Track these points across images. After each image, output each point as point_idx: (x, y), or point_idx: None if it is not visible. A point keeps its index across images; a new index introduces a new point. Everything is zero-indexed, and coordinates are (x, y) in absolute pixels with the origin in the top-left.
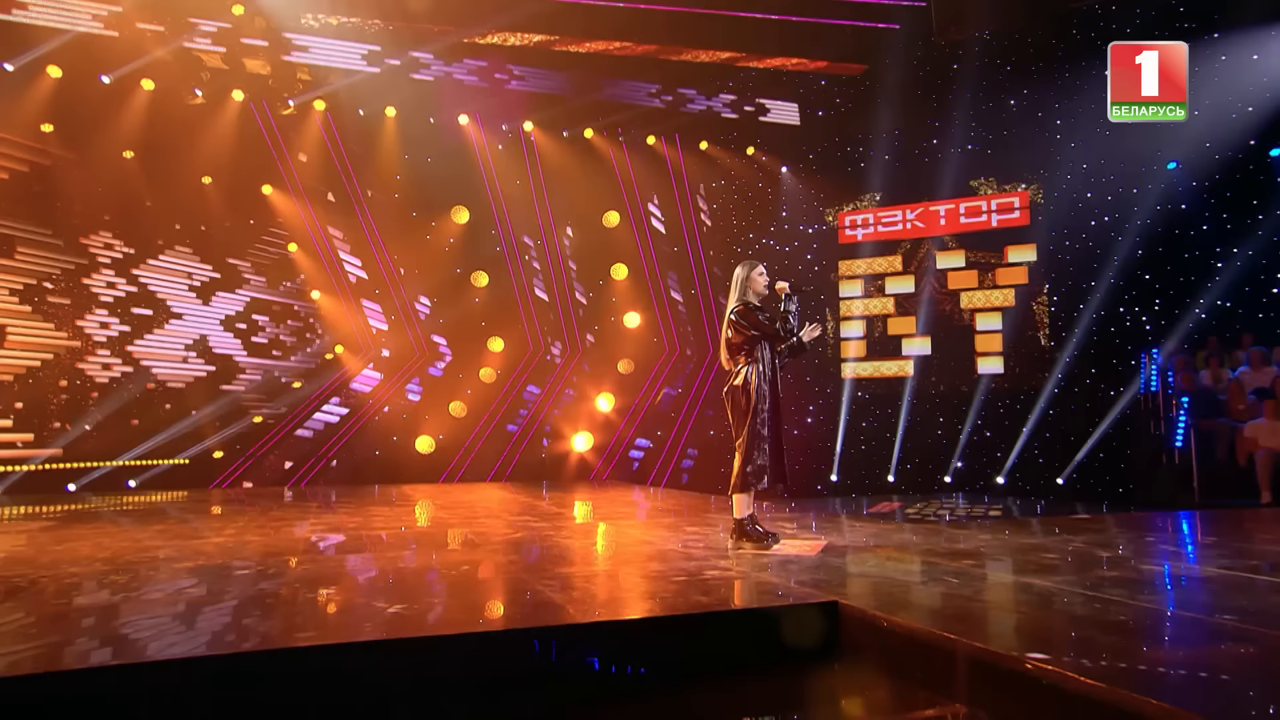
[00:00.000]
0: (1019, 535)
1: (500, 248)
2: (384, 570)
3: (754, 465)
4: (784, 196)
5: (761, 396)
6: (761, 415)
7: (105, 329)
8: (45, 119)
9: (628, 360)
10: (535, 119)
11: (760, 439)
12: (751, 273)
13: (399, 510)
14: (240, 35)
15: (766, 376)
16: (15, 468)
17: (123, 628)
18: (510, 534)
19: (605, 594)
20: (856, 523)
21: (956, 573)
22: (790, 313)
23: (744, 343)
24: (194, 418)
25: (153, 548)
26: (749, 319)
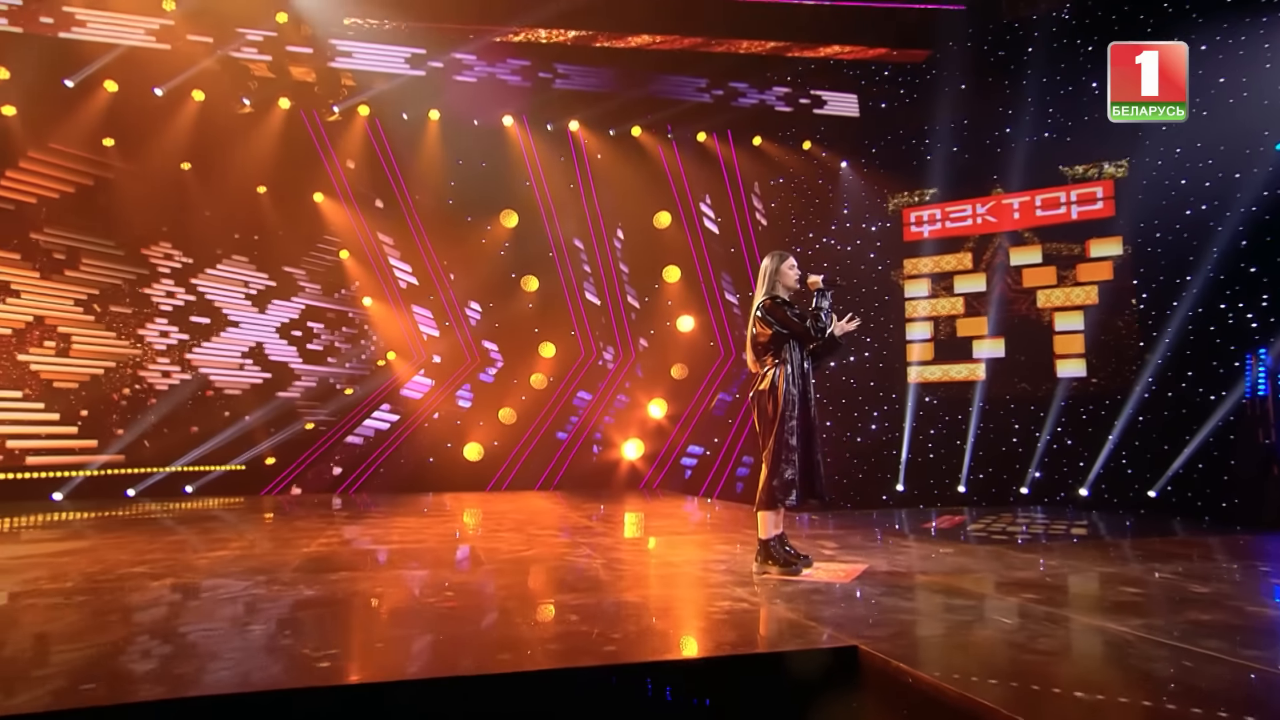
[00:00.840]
0: (1098, 560)
1: (551, 252)
2: (345, 601)
3: (781, 479)
4: (844, 193)
5: (790, 402)
6: (790, 423)
7: (165, 337)
8: (105, 133)
9: (681, 365)
10: (580, 118)
11: (788, 450)
12: (781, 265)
13: (427, 521)
14: (285, 43)
15: (796, 380)
16: (74, 473)
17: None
18: (523, 550)
19: (588, 630)
20: (910, 541)
21: (1013, 610)
22: (822, 309)
23: (771, 341)
24: (248, 424)
25: (145, 560)
26: (776, 315)
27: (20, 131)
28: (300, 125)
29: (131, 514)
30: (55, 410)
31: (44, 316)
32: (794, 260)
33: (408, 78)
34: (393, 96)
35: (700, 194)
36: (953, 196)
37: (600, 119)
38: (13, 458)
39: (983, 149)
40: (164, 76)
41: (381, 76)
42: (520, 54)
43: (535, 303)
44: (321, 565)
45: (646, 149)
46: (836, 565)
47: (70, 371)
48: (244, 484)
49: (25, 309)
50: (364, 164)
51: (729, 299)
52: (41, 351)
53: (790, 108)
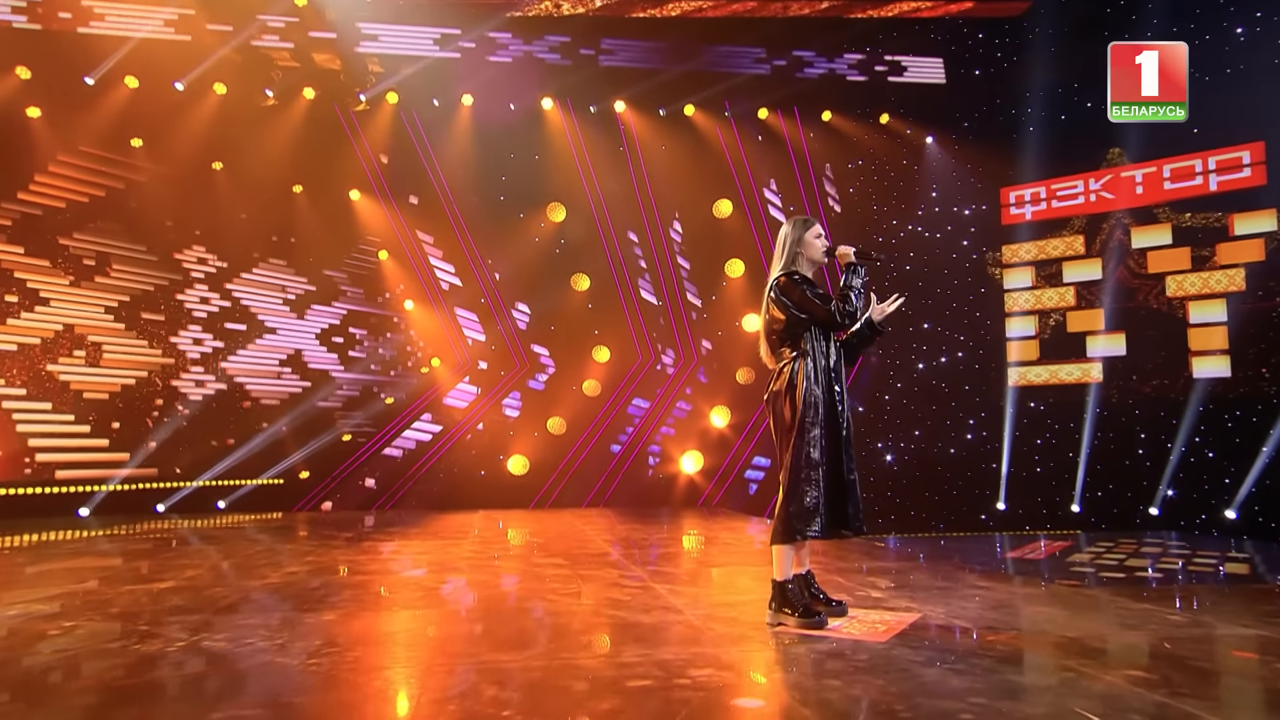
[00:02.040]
0: (1261, 614)
1: (603, 246)
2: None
3: (800, 505)
4: (931, 172)
5: (813, 405)
6: (812, 432)
7: (198, 345)
8: (132, 133)
9: (747, 369)
10: (627, 97)
11: (810, 466)
12: (805, 234)
13: (444, 543)
14: (308, 28)
15: (820, 377)
16: (98, 488)
17: None
18: (496, 586)
19: (488, 713)
20: (988, 580)
21: (1106, 696)
22: (853, 288)
23: (788, 329)
24: (282, 435)
25: (58, 595)
26: (793, 295)
27: (47, 134)
28: (328, 117)
29: (131, 533)
30: (85, 422)
31: (74, 325)
32: (820, 229)
33: (437, 60)
34: (422, 82)
35: (764, 178)
36: (1060, 171)
37: (648, 98)
38: (42, 471)
39: (1095, 115)
40: (184, 70)
41: (410, 61)
42: (558, 29)
43: (587, 303)
44: (247, 603)
45: (701, 130)
46: (879, 614)
47: (101, 382)
48: (278, 499)
49: (55, 317)
50: (397, 157)
51: None
52: (71, 361)
53: (864, 76)
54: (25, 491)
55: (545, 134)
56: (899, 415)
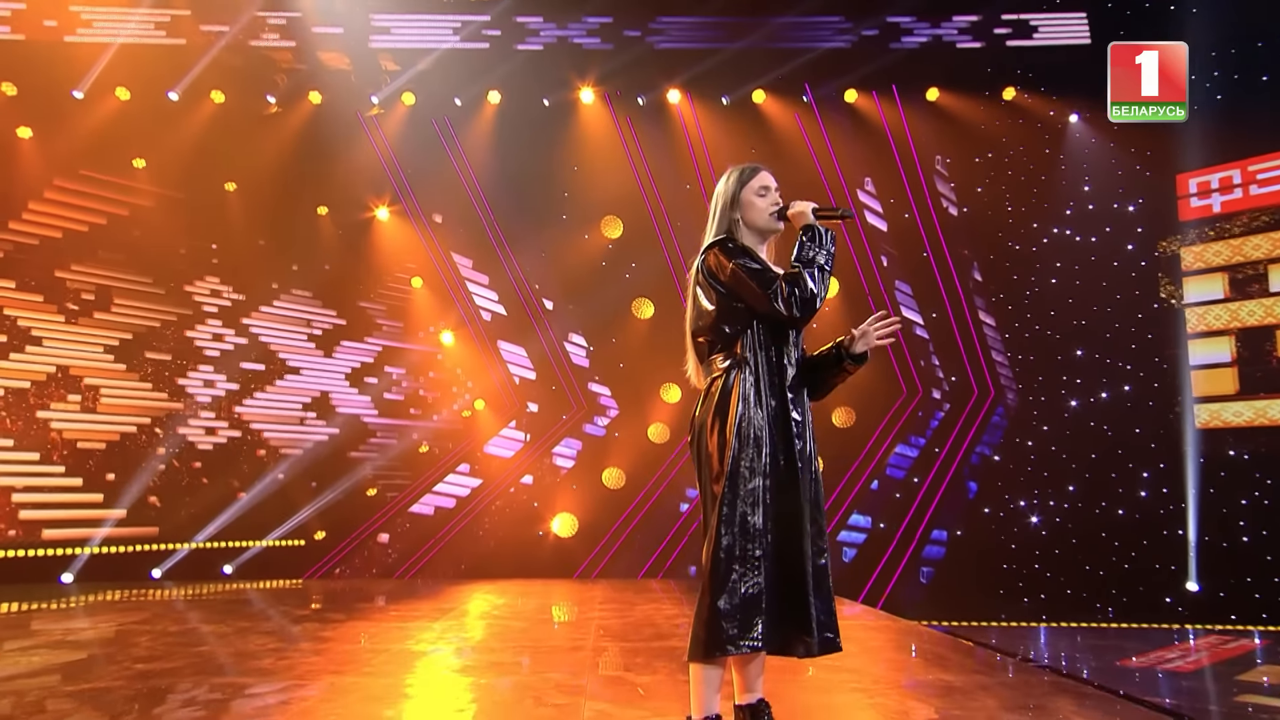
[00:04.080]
0: None
1: (668, 264)
2: None
3: (730, 598)
4: (1079, 159)
5: (752, 442)
6: (751, 485)
7: (209, 387)
8: (132, 152)
9: (845, 409)
10: (681, 84)
11: (748, 537)
12: (743, 190)
13: (453, 629)
14: (311, 24)
15: (768, 401)
16: (87, 549)
17: None
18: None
19: None
20: (1109, 705)
21: None
22: (812, 262)
23: (719, 324)
24: (300, 488)
25: None
26: (723, 271)
27: (40, 156)
28: (340, 125)
29: (110, 604)
30: (78, 474)
31: (68, 366)
32: (770, 179)
33: (459, 53)
34: (442, 78)
35: (858, 175)
36: (1261, 148)
37: (708, 83)
38: (28, 530)
39: None
40: (178, 78)
41: (428, 55)
42: (599, 7)
43: (652, 333)
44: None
45: (776, 119)
46: None
47: (97, 430)
48: (291, 563)
49: (47, 358)
50: (423, 167)
51: (909, 316)
52: (65, 406)
53: (980, 42)
54: (7, 554)
55: (586, 133)
56: (1047, 466)
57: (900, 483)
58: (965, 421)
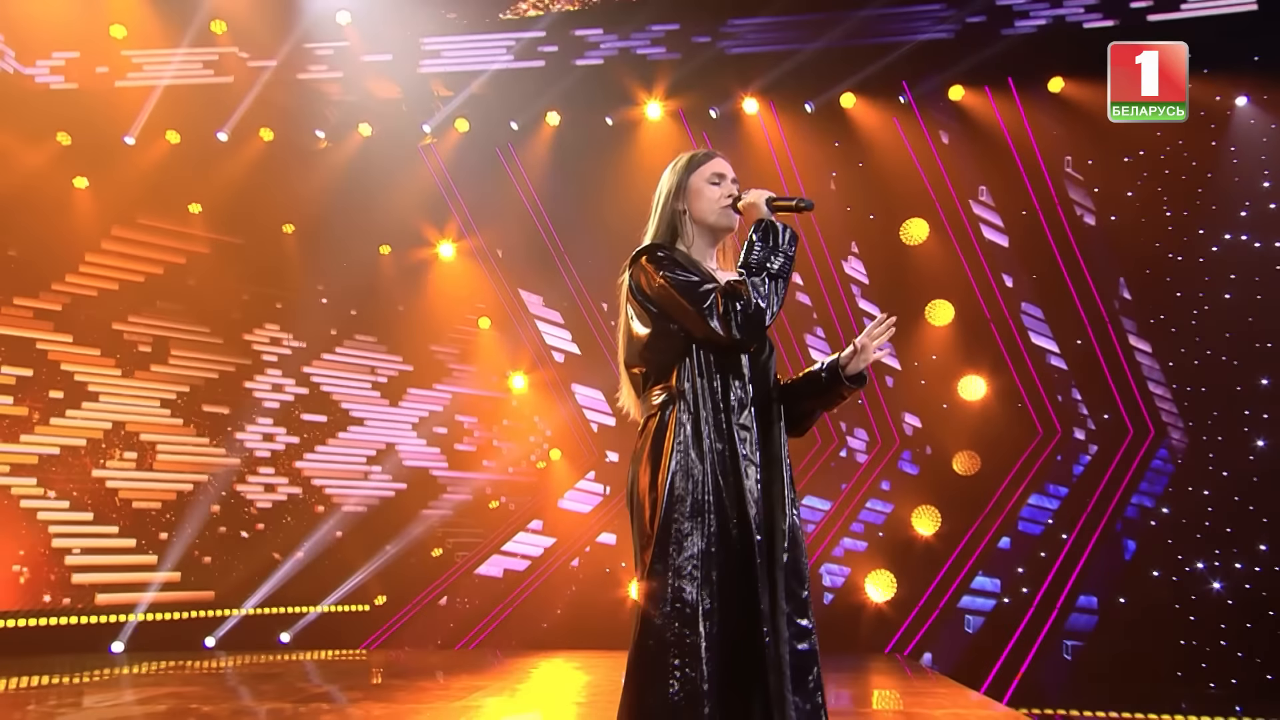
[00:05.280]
0: None
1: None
2: None
3: (656, 694)
4: (1255, 148)
5: (687, 496)
6: (688, 549)
7: (269, 441)
8: (187, 197)
9: (967, 454)
10: (758, 90)
11: (681, 617)
12: (691, 177)
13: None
14: (359, 53)
15: (712, 444)
16: (138, 616)
17: None
18: None
19: None
20: None
21: None
22: (763, 267)
23: (652, 348)
24: (360, 550)
25: None
26: (651, 284)
27: (96, 205)
28: (396, 157)
29: (157, 675)
30: (132, 536)
31: (124, 422)
32: (726, 166)
33: (512, 74)
34: (496, 101)
35: (971, 185)
36: None
37: (788, 89)
38: (81, 595)
39: None
40: (226, 116)
41: (480, 76)
42: (663, 15)
43: None
44: None
45: (867, 124)
46: None
47: (153, 489)
48: (352, 630)
49: (104, 414)
50: (483, 198)
51: (1041, 345)
52: (120, 464)
53: (1113, 19)
54: (59, 622)
55: (655, 152)
56: (1230, 520)
57: (1037, 540)
58: (1118, 467)
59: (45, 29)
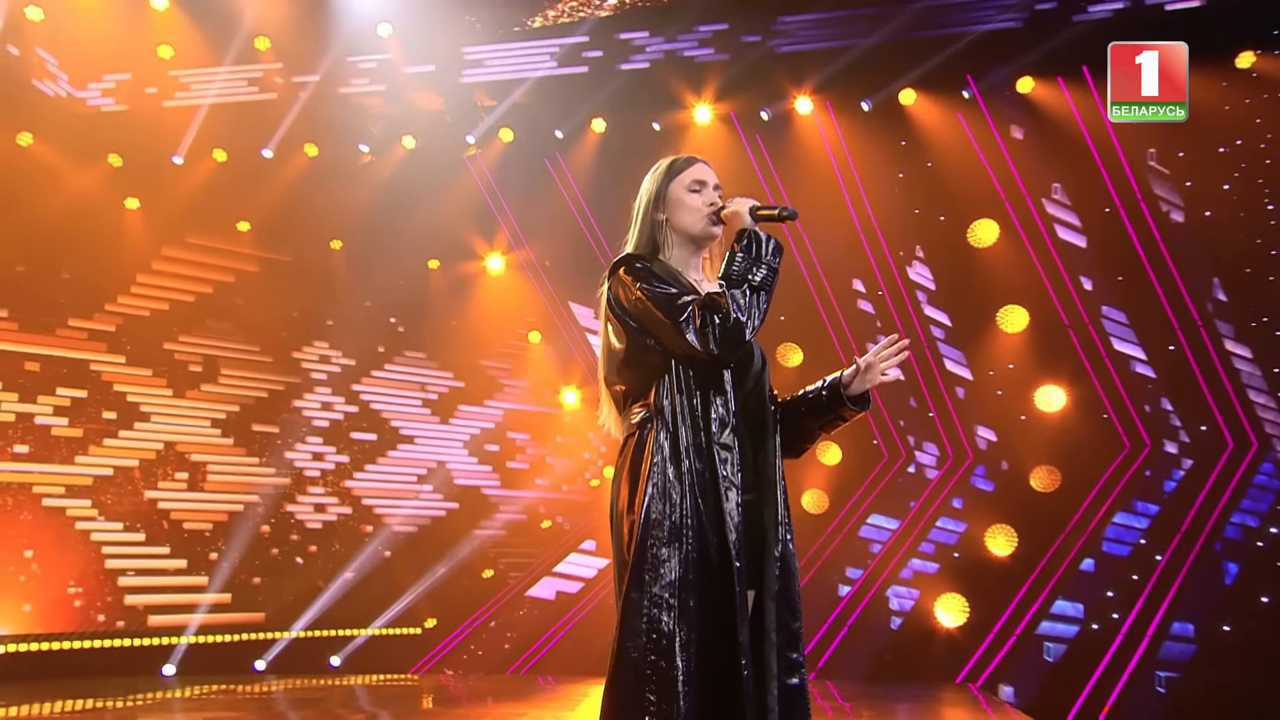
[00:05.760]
0: None
1: (816, 304)
2: None
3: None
4: None
5: (665, 521)
6: (665, 576)
7: (319, 460)
8: (234, 215)
9: (1046, 469)
10: (812, 89)
11: (658, 650)
12: (671, 185)
13: None
14: (402, 65)
15: (691, 462)
16: (188, 639)
17: None
18: None
19: None
20: None
21: None
22: (745, 279)
23: (630, 365)
24: (409, 570)
25: None
26: (629, 296)
27: (146, 226)
28: (441, 170)
29: (203, 698)
30: (183, 557)
31: (175, 442)
32: (709, 172)
33: (555, 81)
34: (540, 110)
35: (1043, 183)
36: None
37: (843, 87)
38: (133, 617)
39: None
40: (269, 133)
41: (522, 84)
42: (712, 15)
43: (802, 383)
44: None
45: (929, 121)
46: None
47: (204, 510)
48: (403, 653)
49: (154, 435)
50: (525, 208)
51: (1125, 352)
52: (172, 485)
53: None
54: (112, 644)
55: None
56: None
57: (1124, 561)
58: (1217, 482)
59: (96, 52)
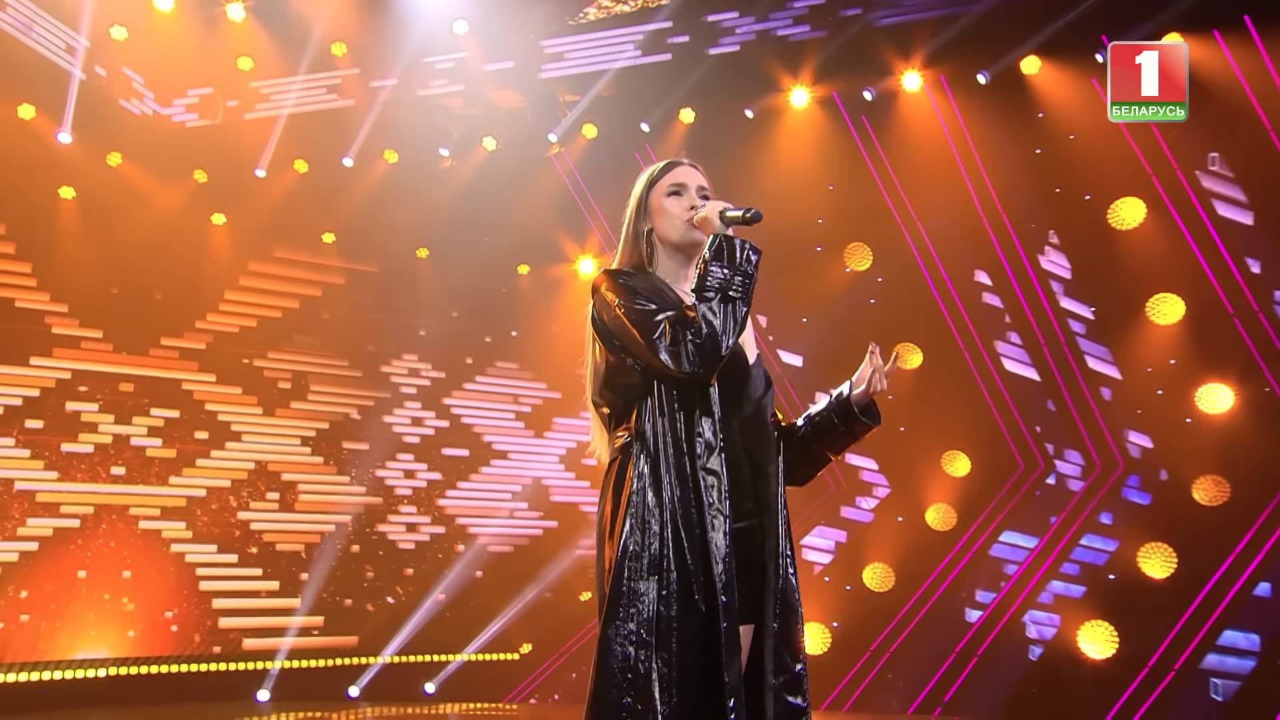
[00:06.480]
0: None
1: (936, 299)
2: None
3: None
4: None
5: (643, 552)
6: (642, 615)
7: (410, 478)
8: (318, 227)
9: (1213, 479)
10: (921, 63)
11: (630, 685)
12: (651, 193)
13: None
14: (480, 62)
15: (671, 489)
16: (270, 664)
17: None
18: None
19: None
20: None
21: None
22: (713, 287)
23: (610, 384)
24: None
25: None
26: (607, 317)
27: (233, 242)
28: (524, 171)
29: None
30: (275, 579)
31: (266, 461)
32: (690, 175)
33: (639, 71)
34: (623, 103)
35: (1195, 154)
36: None
37: (957, 59)
38: (227, 641)
39: None
40: (348, 140)
41: (603, 76)
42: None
43: (923, 387)
44: None
45: (1056, 92)
46: None
47: (295, 531)
48: (498, 680)
49: (246, 454)
50: (614, 207)
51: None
52: (263, 505)
53: None
54: (207, 668)
55: (805, 144)
56: None
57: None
58: None
59: (178, 67)
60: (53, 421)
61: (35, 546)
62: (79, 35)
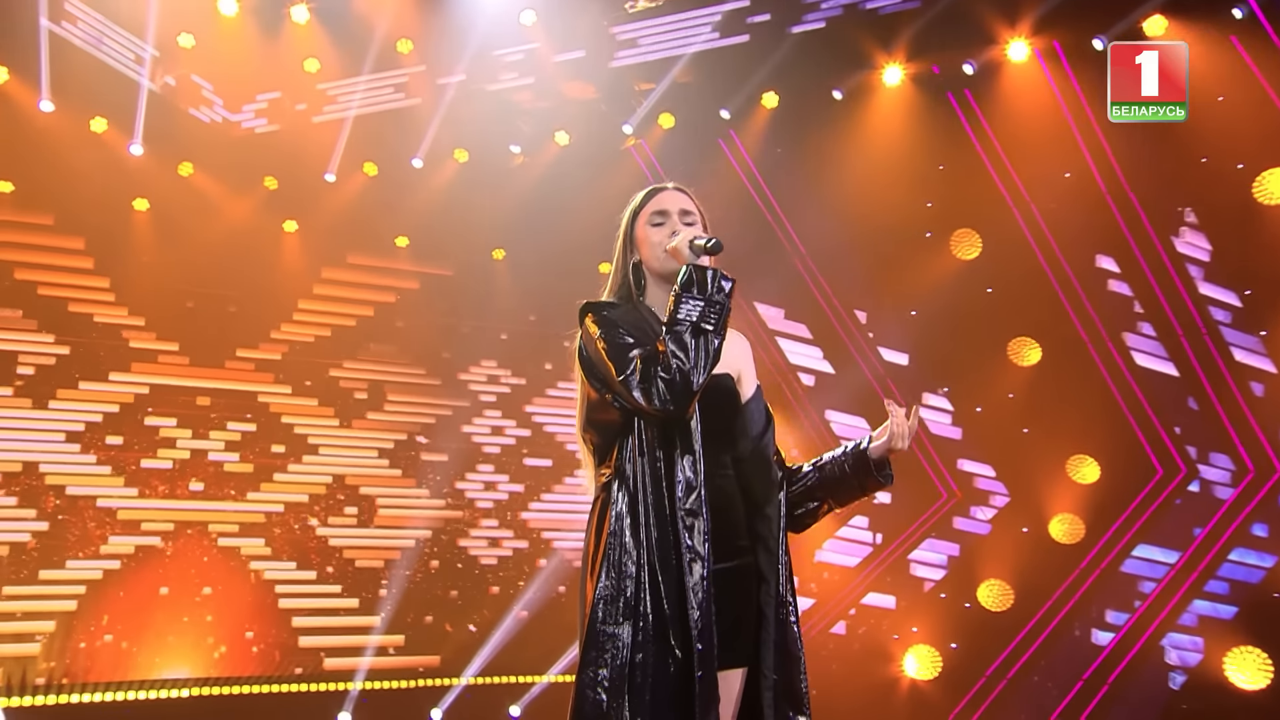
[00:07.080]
0: None
1: (1055, 288)
2: None
3: None
4: None
5: (618, 596)
6: (615, 662)
7: (491, 490)
8: (390, 231)
9: None
10: (1029, 32)
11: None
12: (635, 224)
13: None
14: (550, 53)
15: (648, 530)
16: (350, 685)
17: None
18: None
19: None
20: None
21: None
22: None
23: (592, 421)
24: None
25: None
26: (589, 350)
27: (304, 249)
28: (599, 165)
29: None
30: (355, 596)
31: (343, 475)
32: (673, 199)
33: (715, 55)
34: (700, 89)
35: None
36: None
37: (1070, 24)
38: (308, 660)
39: None
40: (417, 140)
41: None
42: None
43: (1044, 386)
44: None
45: (1194, 55)
46: None
47: (374, 546)
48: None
49: (323, 467)
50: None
51: None
52: (341, 520)
53: None
54: (288, 689)
55: (894, 125)
56: None
57: None
58: None
59: (245, 73)
60: (132, 437)
61: (118, 565)
62: (146, 45)
